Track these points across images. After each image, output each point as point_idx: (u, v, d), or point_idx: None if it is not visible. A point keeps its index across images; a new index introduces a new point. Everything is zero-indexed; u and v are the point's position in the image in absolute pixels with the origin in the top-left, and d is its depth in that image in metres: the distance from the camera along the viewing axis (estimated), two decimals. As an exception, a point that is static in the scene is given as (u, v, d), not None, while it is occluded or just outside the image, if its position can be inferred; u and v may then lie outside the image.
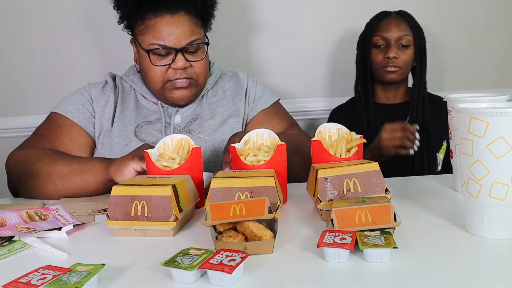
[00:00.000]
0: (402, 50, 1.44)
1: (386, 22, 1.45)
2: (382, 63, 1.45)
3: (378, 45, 1.45)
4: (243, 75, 1.32)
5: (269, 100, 1.30)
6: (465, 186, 0.68)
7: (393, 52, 1.42)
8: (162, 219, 0.74)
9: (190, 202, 0.82)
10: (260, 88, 1.31)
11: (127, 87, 1.28)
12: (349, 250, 0.59)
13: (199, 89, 1.22)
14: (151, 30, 1.13)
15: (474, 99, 0.87)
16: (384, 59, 1.44)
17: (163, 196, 0.74)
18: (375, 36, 1.45)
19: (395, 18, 1.45)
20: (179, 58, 1.13)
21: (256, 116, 1.28)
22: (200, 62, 1.18)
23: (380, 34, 1.44)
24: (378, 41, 1.45)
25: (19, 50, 1.69)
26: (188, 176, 0.85)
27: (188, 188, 0.82)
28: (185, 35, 1.13)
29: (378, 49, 1.46)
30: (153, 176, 0.84)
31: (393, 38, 1.43)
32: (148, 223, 0.74)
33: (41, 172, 1.03)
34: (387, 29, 1.44)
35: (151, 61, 1.15)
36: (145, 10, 1.14)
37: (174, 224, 0.74)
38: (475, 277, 0.56)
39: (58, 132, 1.17)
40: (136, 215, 0.74)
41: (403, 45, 1.44)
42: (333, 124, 0.98)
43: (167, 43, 1.12)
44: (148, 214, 0.74)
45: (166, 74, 1.16)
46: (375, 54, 1.47)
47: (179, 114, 1.23)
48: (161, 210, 0.74)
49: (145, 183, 0.77)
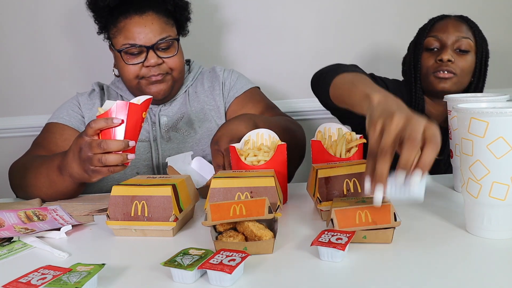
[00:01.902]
0: (460, 55, 1.19)
1: (443, 23, 1.22)
2: (433, 67, 1.19)
3: (431, 48, 1.21)
4: (219, 68, 1.33)
5: (243, 87, 1.30)
6: (465, 186, 0.68)
7: (448, 54, 1.16)
8: (162, 219, 0.74)
9: (190, 202, 0.82)
10: (234, 77, 1.32)
11: (114, 94, 1.30)
12: (341, 250, 0.60)
13: (175, 83, 1.23)
14: (122, 31, 1.16)
15: (474, 99, 0.87)
16: (436, 62, 1.19)
17: (163, 196, 0.74)
18: (428, 37, 1.21)
19: (455, 19, 1.22)
20: (151, 55, 1.16)
21: (231, 105, 1.29)
22: (172, 58, 1.19)
23: (434, 34, 1.20)
24: (431, 42, 1.20)
25: (19, 50, 1.69)
26: (189, 176, 0.85)
27: (188, 188, 0.82)
28: (155, 33, 1.16)
29: (430, 52, 1.21)
30: (153, 176, 0.84)
31: (450, 39, 1.18)
32: (148, 223, 0.74)
33: (30, 185, 1.05)
34: (444, 29, 1.20)
35: (124, 61, 1.17)
36: (116, 15, 1.18)
37: (174, 224, 0.74)
38: (475, 277, 0.56)
39: (52, 137, 1.20)
40: (136, 215, 0.74)
41: (461, 49, 1.19)
42: (333, 124, 0.98)
43: (137, 41, 1.15)
44: (148, 214, 0.74)
45: (140, 72, 1.18)
46: (425, 57, 1.22)
47: (165, 114, 1.25)
48: (161, 210, 0.74)
49: (145, 183, 0.77)
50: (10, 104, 1.73)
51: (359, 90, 0.80)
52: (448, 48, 1.19)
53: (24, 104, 1.72)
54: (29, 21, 1.68)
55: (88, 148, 0.87)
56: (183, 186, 0.80)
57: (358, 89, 0.81)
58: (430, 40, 1.21)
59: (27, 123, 1.68)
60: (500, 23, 1.73)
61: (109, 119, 0.85)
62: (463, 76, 1.20)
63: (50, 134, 1.21)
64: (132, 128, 0.87)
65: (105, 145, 0.85)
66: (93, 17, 1.24)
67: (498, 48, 1.74)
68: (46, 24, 1.68)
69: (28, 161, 1.11)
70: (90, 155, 0.87)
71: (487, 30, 1.72)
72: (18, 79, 1.71)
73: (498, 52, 1.75)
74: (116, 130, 0.86)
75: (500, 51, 1.75)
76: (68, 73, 1.71)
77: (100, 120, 0.86)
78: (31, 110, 1.72)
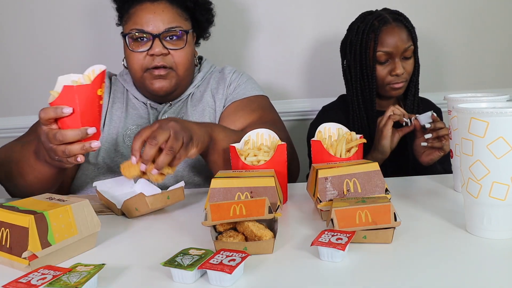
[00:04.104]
0: (406, 62, 1.32)
1: (388, 34, 1.29)
2: (388, 79, 1.31)
3: (382, 62, 1.31)
4: (229, 70, 1.28)
5: (246, 93, 1.22)
6: (465, 186, 0.68)
7: (401, 68, 1.29)
8: (18, 253, 0.62)
9: (76, 233, 0.67)
10: (242, 81, 1.25)
11: (121, 87, 1.27)
12: (341, 250, 0.60)
13: (179, 81, 1.19)
14: (132, 17, 1.15)
15: (474, 99, 0.87)
16: (391, 76, 1.31)
17: (21, 227, 0.62)
18: (378, 51, 1.29)
19: (396, 27, 1.30)
20: (156, 43, 1.13)
21: (226, 108, 1.22)
22: (179, 51, 1.16)
23: (384, 50, 1.29)
24: (382, 58, 1.30)
25: (19, 50, 1.69)
26: (86, 201, 0.70)
27: (76, 216, 0.67)
28: (164, 22, 1.13)
29: (382, 65, 1.31)
30: (51, 197, 0.72)
31: (398, 52, 1.29)
32: (7, 255, 0.64)
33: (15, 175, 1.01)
34: (391, 43, 1.29)
35: (129, 47, 1.15)
36: (130, 1, 1.16)
37: (27, 262, 0.61)
38: (475, 277, 0.56)
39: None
40: (0, 244, 0.64)
41: (406, 57, 1.31)
42: (333, 124, 0.98)
43: (144, 28, 1.13)
44: (10, 245, 0.63)
45: (144, 62, 1.15)
46: (379, 70, 1.32)
47: (166, 113, 1.22)
48: (18, 242, 0.62)
49: (15, 209, 0.66)
50: (10, 104, 1.73)
51: None
52: (398, 61, 1.30)
53: (24, 104, 1.72)
54: (29, 21, 1.68)
55: (47, 139, 0.81)
56: (64, 214, 0.66)
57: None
58: (381, 55, 1.30)
59: (27, 123, 1.67)
60: (500, 23, 1.73)
61: (58, 109, 0.77)
62: (409, 77, 1.35)
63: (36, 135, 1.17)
64: (87, 112, 0.77)
65: (61, 137, 0.79)
66: (115, 7, 1.23)
67: (498, 48, 1.75)
68: (46, 24, 1.68)
69: (7, 151, 1.07)
70: (52, 146, 0.81)
71: (487, 29, 1.73)
72: (18, 79, 1.71)
73: (498, 52, 1.75)
74: (71, 118, 0.77)
75: (500, 51, 1.75)
76: (68, 73, 1.70)
77: (49, 109, 0.78)
78: (31, 110, 1.71)
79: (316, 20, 1.69)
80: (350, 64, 1.37)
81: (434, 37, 1.71)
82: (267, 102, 1.26)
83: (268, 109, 1.23)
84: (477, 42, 1.73)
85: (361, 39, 1.32)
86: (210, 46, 1.43)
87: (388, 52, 1.29)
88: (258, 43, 1.70)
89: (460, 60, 1.75)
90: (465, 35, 1.73)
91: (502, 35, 1.73)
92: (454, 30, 1.72)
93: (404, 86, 1.34)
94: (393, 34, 1.29)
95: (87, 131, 0.79)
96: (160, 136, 0.82)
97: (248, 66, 1.71)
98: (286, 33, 1.70)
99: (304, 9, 1.68)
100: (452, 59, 1.74)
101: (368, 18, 1.33)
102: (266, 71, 1.71)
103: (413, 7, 1.64)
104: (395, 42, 1.29)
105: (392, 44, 1.29)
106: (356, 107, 1.38)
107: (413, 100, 1.38)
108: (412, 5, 1.65)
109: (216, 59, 1.48)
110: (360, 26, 1.33)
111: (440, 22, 1.71)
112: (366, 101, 1.37)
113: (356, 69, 1.35)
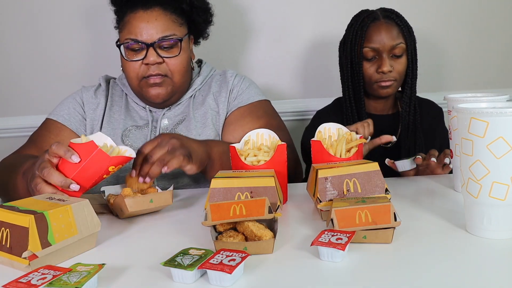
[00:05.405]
0: (396, 60, 1.29)
1: (375, 30, 1.28)
2: (375, 77, 1.29)
3: (369, 58, 1.29)
4: (231, 73, 1.27)
5: (250, 98, 1.23)
6: (465, 186, 0.68)
7: (387, 66, 1.26)
8: (19, 253, 0.62)
9: (76, 233, 0.68)
10: (244, 85, 1.25)
11: (119, 90, 1.28)
12: (341, 250, 0.60)
13: (175, 88, 1.18)
14: (126, 25, 1.14)
15: (474, 99, 0.87)
16: (378, 73, 1.28)
17: (21, 227, 0.63)
18: (364, 47, 1.28)
19: (385, 23, 1.28)
20: (151, 53, 1.12)
21: (231, 114, 1.22)
22: (174, 59, 1.15)
23: (370, 46, 1.28)
24: (369, 54, 1.28)
25: (19, 50, 1.69)
26: (86, 201, 0.71)
27: (76, 216, 0.68)
28: (157, 30, 1.12)
29: (369, 62, 1.30)
30: (51, 197, 0.73)
31: (385, 49, 1.27)
32: (7, 255, 0.64)
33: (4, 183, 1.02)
34: (377, 39, 1.27)
35: (125, 56, 1.15)
36: (125, 8, 1.16)
37: (27, 262, 0.62)
38: (475, 277, 0.56)
39: (47, 136, 1.18)
40: (0, 244, 0.65)
41: (396, 55, 1.28)
42: (333, 124, 0.98)
43: (138, 37, 1.12)
44: (10, 245, 0.64)
45: (140, 70, 1.15)
46: (366, 67, 1.30)
47: (166, 117, 1.22)
48: (18, 242, 0.63)
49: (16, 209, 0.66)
50: (10, 104, 1.73)
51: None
52: (386, 58, 1.27)
53: (24, 104, 1.72)
54: (29, 21, 1.68)
55: (38, 165, 0.81)
56: (64, 214, 0.66)
57: None
58: (367, 51, 1.28)
59: (27, 123, 1.68)
60: (500, 23, 1.73)
61: (69, 152, 0.79)
62: (400, 77, 1.32)
63: (46, 132, 1.18)
64: (88, 172, 0.79)
65: (46, 174, 0.79)
66: (114, 11, 1.23)
67: (498, 48, 1.75)
68: (46, 24, 1.68)
69: (11, 160, 1.08)
70: (36, 172, 0.81)
71: (487, 29, 1.73)
72: (18, 79, 1.72)
73: (498, 52, 1.75)
74: (71, 165, 0.79)
75: (501, 51, 1.75)
76: (68, 73, 1.71)
77: (62, 147, 0.80)
78: (31, 110, 1.72)
79: (315, 21, 1.69)
80: (343, 62, 1.37)
81: (434, 37, 1.71)
82: (271, 107, 1.27)
83: (272, 115, 1.25)
84: (477, 42, 1.73)
85: (351, 36, 1.32)
86: (209, 47, 1.43)
87: (375, 48, 1.27)
88: (257, 44, 1.70)
89: (460, 60, 1.75)
90: (465, 35, 1.73)
91: (502, 35, 1.73)
92: (454, 30, 1.72)
93: (394, 86, 1.31)
94: (381, 30, 1.28)
95: (70, 185, 0.79)
96: (156, 155, 0.89)
97: (246, 67, 1.71)
98: (284, 34, 1.70)
99: (303, 10, 1.68)
100: (452, 59, 1.74)
101: (361, 16, 1.33)
102: (264, 72, 1.71)
103: (413, 7, 1.64)
104: (382, 38, 1.27)
105: (379, 40, 1.27)
106: (348, 106, 1.37)
107: (409, 102, 1.34)
108: (412, 5, 1.65)
109: (214, 60, 1.49)
110: (353, 24, 1.33)
111: (440, 22, 1.71)
112: (356, 100, 1.36)
113: (347, 66, 1.34)
